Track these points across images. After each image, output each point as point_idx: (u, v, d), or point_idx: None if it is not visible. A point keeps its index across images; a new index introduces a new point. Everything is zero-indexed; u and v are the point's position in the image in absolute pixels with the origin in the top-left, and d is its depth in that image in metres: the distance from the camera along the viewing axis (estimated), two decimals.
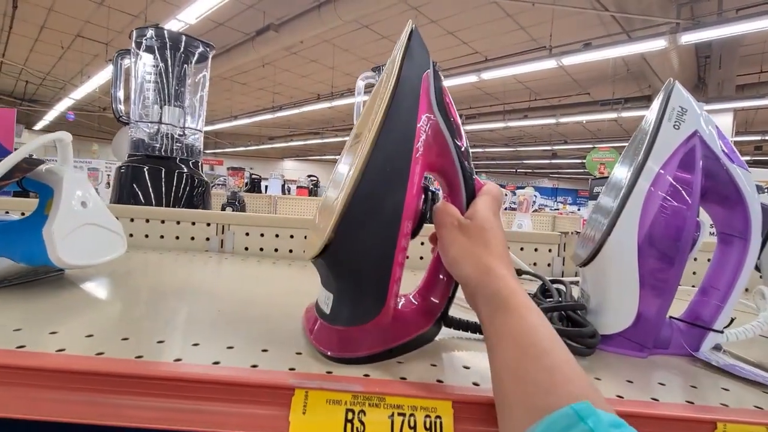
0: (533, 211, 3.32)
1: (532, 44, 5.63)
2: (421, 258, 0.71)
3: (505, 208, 3.04)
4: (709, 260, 0.40)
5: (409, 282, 0.34)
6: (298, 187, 4.71)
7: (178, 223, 0.69)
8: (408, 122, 0.28)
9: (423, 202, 0.30)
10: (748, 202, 0.36)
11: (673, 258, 0.36)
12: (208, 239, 0.70)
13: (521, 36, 5.55)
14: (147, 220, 0.68)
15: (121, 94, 0.85)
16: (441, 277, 0.34)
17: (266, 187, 4.97)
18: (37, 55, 7.00)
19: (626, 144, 0.44)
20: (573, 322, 0.38)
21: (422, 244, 0.44)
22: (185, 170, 0.84)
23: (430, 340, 0.34)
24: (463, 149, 0.31)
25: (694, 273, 0.70)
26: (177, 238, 0.69)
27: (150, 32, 0.79)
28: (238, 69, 6.81)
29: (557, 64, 4.84)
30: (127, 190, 0.79)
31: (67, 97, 8.17)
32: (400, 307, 0.33)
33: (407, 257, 0.30)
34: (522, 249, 0.71)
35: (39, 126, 11.07)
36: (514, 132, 10.16)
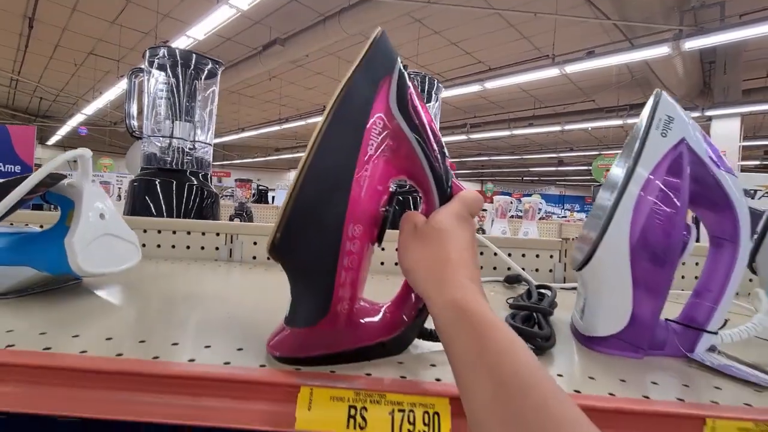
0: (540, 219, 3.32)
1: (535, 53, 5.68)
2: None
3: (511, 216, 3.04)
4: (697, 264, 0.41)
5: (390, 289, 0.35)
6: None
7: (189, 233, 0.71)
8: (353, 126, 0.29)
9: (387, 205, 0.31)
10: (736, 206, 0.38)
11: (664, 260, 0.37)
12: (217, 249, 0.72)
13: (524, 45, 5.60)
14: (159, 231, 0.71)
15: (134, 110, 0.89)
16: (410, 289, 0.34)
17: (273, 198, 5.03)
18: (51, 72, 7.20)
19: None
20: (539, 325, 0.39)
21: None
22: (195, 182, 0.87)
23: (398, 352, 0.34)
24: (432, 152, 0.32)
25: (696, 278, 0.70)
26: (188, 247, 0.71)
27: (162, 51, 0.83)
28: (245, 82, 6.93)
29: (560, 72, 4.87)
30: (140, 202, 0.82)
31: (79, 113, 8.37)
32: (360, 312, 0.32)
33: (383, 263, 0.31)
34: (524, 255, 0.72)
35: (52, 141, 11.32)
36: (519, 140, 10.16)
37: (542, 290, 0.51)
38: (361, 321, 0.32)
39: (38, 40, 5.81)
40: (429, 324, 0.35)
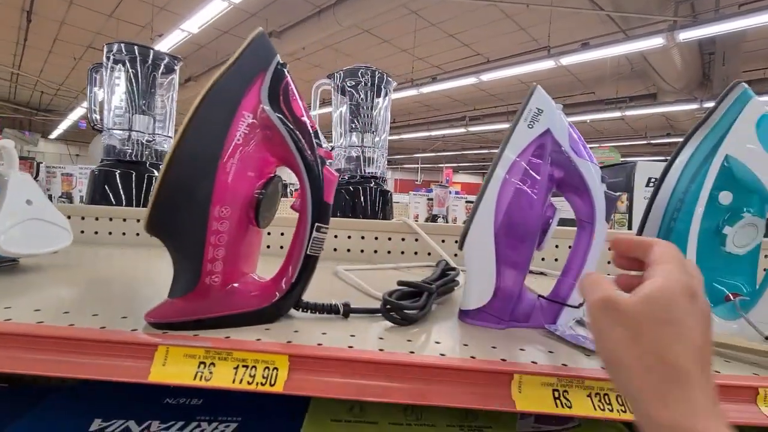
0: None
1: (533, 45, 5.64)
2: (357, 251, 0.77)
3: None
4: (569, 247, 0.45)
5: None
6: (294, 190, 4.85)
7: (138, 221, 0.75)
8: (220, 117, 0.33)
9: (263, 189, 0.35)
10: (592, 191, 0.41)
11: (524, 238, 0.40)
12: None
13: (522, 37, 5.56)
14: (110, 219, 0.75)
15: (95, 103, 0.93)
16: (288, 265, 0.38)
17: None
18: (51, 66, 7.26)
19: (632, 142, 0.48)
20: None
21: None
22: (155, 174, 0.91)
23: (270, 320, 0.37)
24: (303, 141, 0.35)
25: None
26: (137, 234, 0.76)
27: (118, 46, 0.87)
28: None
29: (556, 64, 4.84)
30: (99, 192, 0.86)
31: (80, 106, 8.44)
32: (232, 284, 0.36)
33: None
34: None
35: (54, 135, 11.44)
36: None
37: (448, 271, 0.55)
38: (233, 292, 0.36)
39: (37, 34, 5.86)
40: (306, 297, 0.40)
